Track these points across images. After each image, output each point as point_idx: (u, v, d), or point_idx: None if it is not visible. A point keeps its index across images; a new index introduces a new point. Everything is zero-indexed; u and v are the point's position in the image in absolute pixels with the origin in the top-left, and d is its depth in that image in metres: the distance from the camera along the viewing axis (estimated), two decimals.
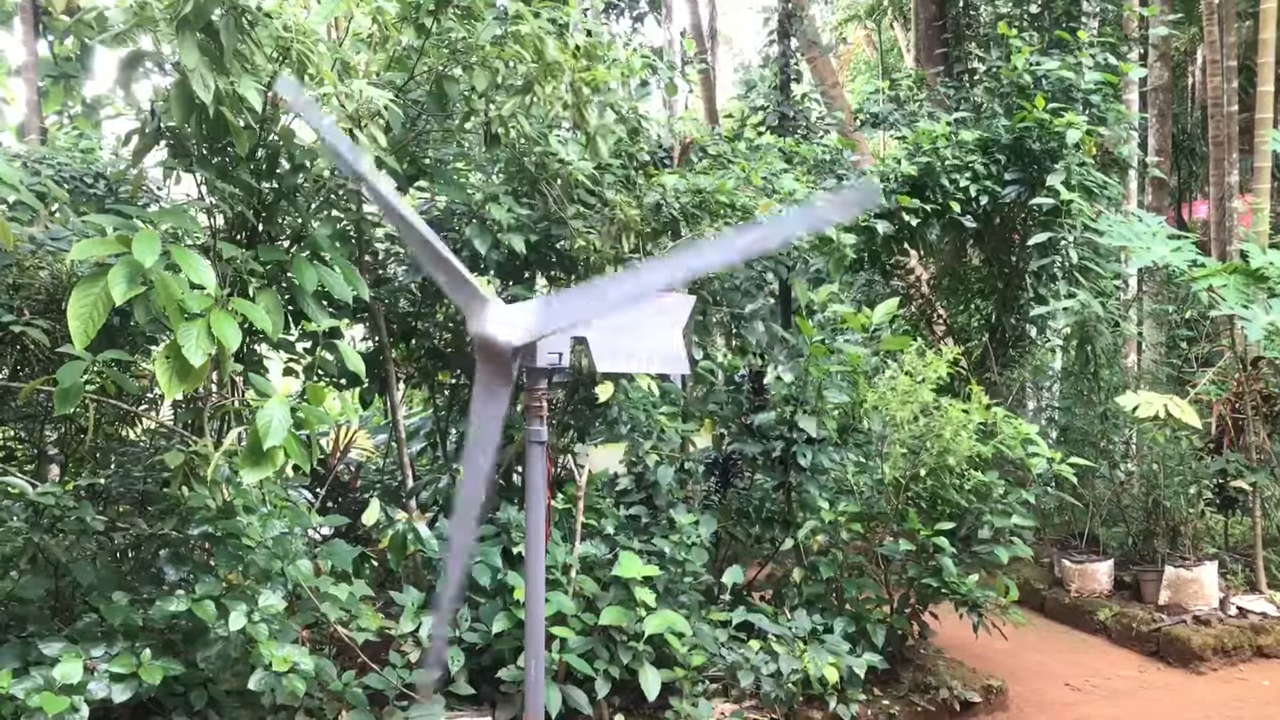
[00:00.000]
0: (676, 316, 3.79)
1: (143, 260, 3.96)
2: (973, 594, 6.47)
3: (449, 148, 6.90)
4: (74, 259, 4.03)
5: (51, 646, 4.57)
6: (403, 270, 7.36)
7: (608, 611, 5.82)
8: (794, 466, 6.96)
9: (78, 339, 4.02)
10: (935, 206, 9.42)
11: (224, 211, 5.23)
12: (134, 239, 4.02)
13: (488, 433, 3.05)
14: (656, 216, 7.01)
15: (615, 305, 3.13)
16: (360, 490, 8.57)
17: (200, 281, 4.15)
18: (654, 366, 3.96)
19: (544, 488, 3.16)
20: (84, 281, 4.05)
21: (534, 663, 3.44)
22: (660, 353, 3.71)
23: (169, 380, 4.22)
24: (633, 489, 6.73)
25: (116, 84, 4.39)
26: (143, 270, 4.02)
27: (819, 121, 13.32)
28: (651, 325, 3.65)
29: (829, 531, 6.80)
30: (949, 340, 11.13)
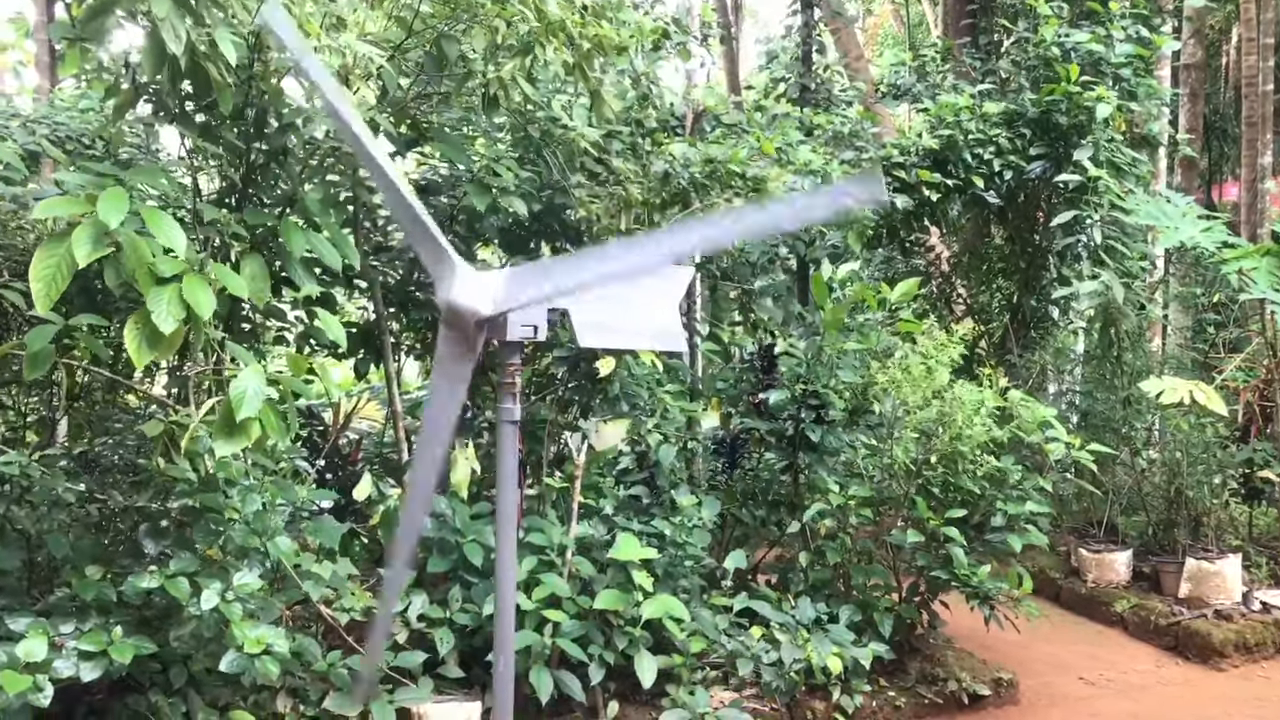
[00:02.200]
0: (672, 288, 3.54)
1: (108, 220, 3.74)
2: (984, 585, 6.23)
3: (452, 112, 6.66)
4: (36, 217, 3.81)
5: (18, 621, 4.39)
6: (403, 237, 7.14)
7: (604, 595, 5.62)
8: (803, 446, 6.73)
9: (40, 302, 3.81)
10: (957, 182, 9.13)
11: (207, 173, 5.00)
12: (100, 197, 3.80)
13: (444, 410, 2.83)
14: (665, 187, 6.76)
15: (593, 282, 2.90)
16: (359, 463, 8.40)
17: (170, 244, 3.93)
18: (644, 343, 3.71)
19: (515, 471, 2.94)
20: (48, 242, 3.83)
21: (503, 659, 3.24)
22: (652, 328, 3.46)
23: (137, 348, 4.01)
24: (634, 468, 6.51)
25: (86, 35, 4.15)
26: (109, 231, 3.80)
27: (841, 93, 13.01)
28: (643, 297, 3.40)
29: (837, 516, 6.56)
30: (969, 320, 10.85)
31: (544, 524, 5.99)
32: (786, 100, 11.42)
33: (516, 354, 2.97)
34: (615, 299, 3.27)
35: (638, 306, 3.35)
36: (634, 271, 2.93)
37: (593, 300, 3.18)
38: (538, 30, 5.44)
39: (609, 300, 3.24)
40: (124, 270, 4.08)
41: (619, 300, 3.28)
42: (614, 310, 3.29)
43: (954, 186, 9.13)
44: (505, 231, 6.90)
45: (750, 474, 7.48)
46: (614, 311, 3.29)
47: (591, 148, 5.99)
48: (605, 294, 3.22)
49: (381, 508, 5.79)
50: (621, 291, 3.30)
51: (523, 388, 7.13)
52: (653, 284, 3.44)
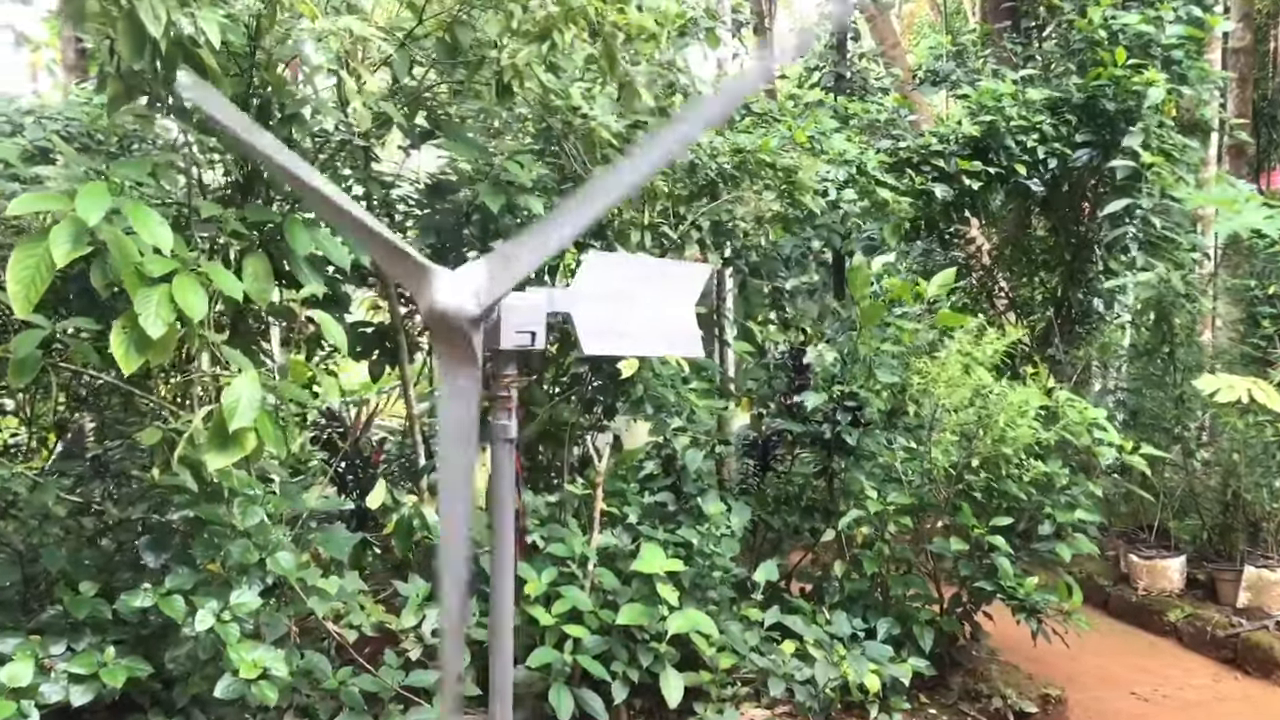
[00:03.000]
0: (688, 288, 3.22)
1: (86, 217, 3.49)
2: (1031, 598, 5.88)
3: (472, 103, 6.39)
4: (11, 214, 3.57)
5: (6, 642, 4.17)
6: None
7: (626, 610, 5.32)
8: (839, 449, 6.40)
9: (18, 305, 3.58)
10: (999, 170, 8.74)
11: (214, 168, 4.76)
12: (78, 192, 3.55)
13: (461, 425, 2.53)
14: (691, 178, 6.46)
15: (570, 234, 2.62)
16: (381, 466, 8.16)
17: (155, 242, 3.68)
18: (657, 348, 3.40)
19: (512, 493, 2.66)
20: (26, 241, 3.60)
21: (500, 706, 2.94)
22: (665, 331, 3.15)
23: (125, 352, 3.78)
24: (659, 473, 6.21)
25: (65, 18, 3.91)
26: (89, 229, 3.55)
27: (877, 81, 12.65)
28: (655, 298, 3.09)
29: (874, 523, 6.24)
30: (1010, 315, 10.46)
31: (565, 533, 5.72)
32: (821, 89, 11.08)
33: (512, 365, 2.68)
34: (623, 300, 2.97)
35: (649, 308, 3.05)
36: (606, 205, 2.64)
37: (598, 302, 2.88)
38: (555, 15, 5.15)
39: (616, 302, 2.94)
40: (111, 270, 3.84)
41: (628, 301, 2.98)
42: (622, 313, 2.98)
43: (995, 175, 8.74)
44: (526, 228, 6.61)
45: (782, 477, 7.16)
46: (622, 314, 2.99)
47: (614, 139, 5.67)
48: (612, 295, 2.92)
49: (395, 516, 5.54)
50: (631, 291, 3.00)
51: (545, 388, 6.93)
52: (666, 283, 3.14)
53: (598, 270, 2.99)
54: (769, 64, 2.67)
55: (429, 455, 6.73)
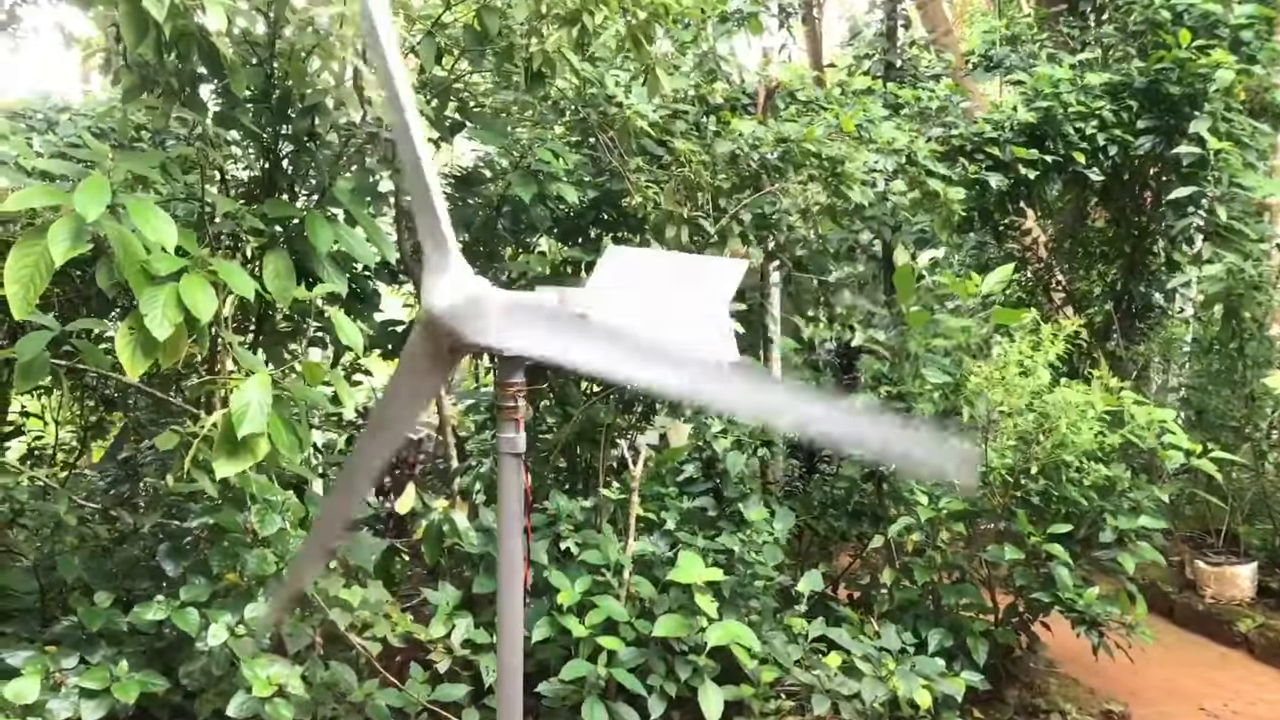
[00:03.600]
0: (721, 285, 2.96)
1: (85, 213, 3.30)
2: (1092, 609, 5.56)
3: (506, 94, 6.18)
4: (7, 210, 3.40)
5: (16, 656, 4.02)
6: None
7: (663, 621, 5.09)
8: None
9: (17, 307, 3.40)
10: (1056, 158, 8.37)
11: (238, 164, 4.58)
12: (77, 187, 3.37)
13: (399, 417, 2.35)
14: (733, 169, 6.19)
15: (606, 368, 2.38)
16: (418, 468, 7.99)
17: (158, 238, 3.49)
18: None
19: (521, 513, 2.42)
20: (24, 239, 3.42)
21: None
22: (696, 333, 2.89)
23: (130, 355, 3.59)
24: (699, 477, 5.95)
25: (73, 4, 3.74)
26: (89, 225, 3.37)
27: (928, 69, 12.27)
28: (684, 296, 2.83)
29: (926, 530, 5.94)
30: (1068, 310, 10.07)
31: (600, 540, 5.49)
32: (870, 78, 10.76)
33: (518, 371, 2.44)
34: (648, 299, 2.72)
35: (677, 307, 2.80)
36: (662, 375, 2.38)
37: (617, 302, 2.64)
38: None
39: (639, 301, 2.69)
40: (116, 270, 3.67)
41: (652, 301, 2.73)
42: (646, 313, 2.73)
43: (1052, 164, 8.38)
44: (561, 221, 6.39)
45: (829, 480, 6.88)
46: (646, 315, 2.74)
47: (649, 128, 5.43)
48: (635, 294, 2.68)
49: (424, 522, 5.36)
50: (656, 290, 2.75)
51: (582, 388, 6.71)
52: (697, 280, 2.88)
53: (618, 267, 2.75)
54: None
55: (461, 458, 6.55)
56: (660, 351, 2.29)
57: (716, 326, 2.83)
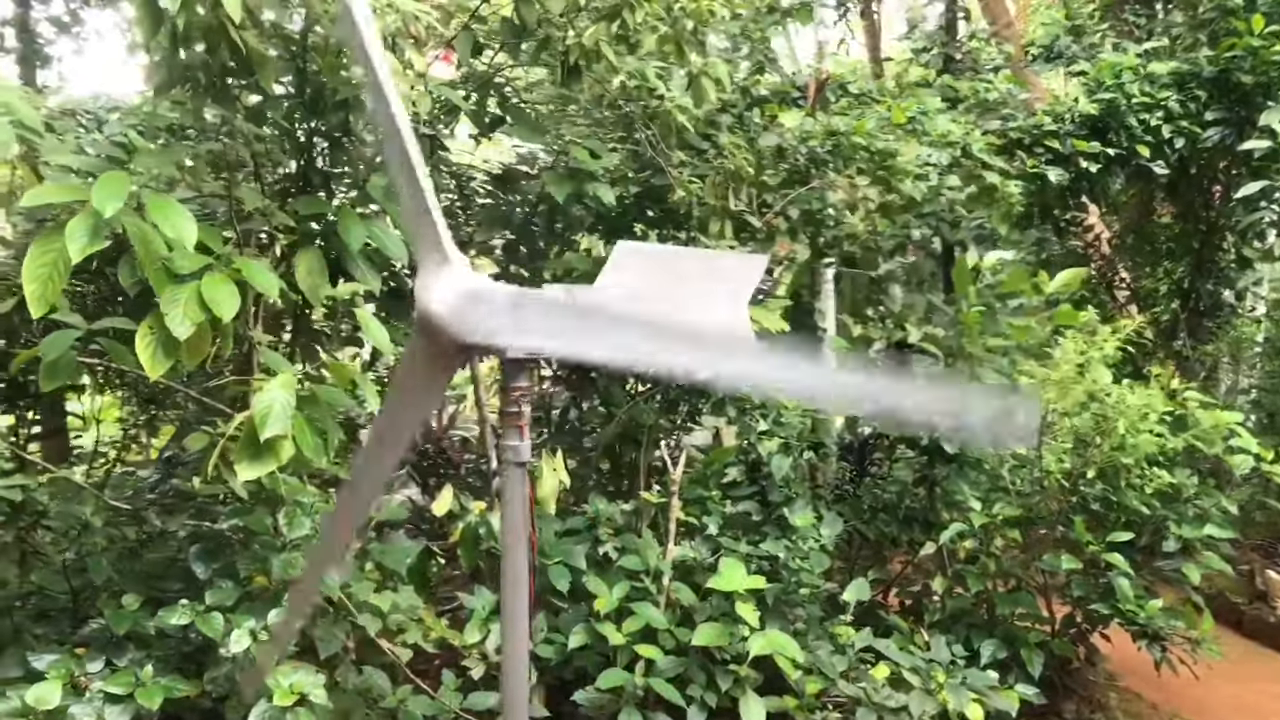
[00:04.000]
0: (740, 283, 2.79)
1: (102, 209, 3.23)
2: (1154, 623, 5.31)
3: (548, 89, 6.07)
4: (25, 206, 3.33)
5: (42, 659, 3.97)
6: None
7: (703, 629, 4.94)
8: (939, 456, 5.90)
9: (34, 305, 3.33)
10: (1119, 151, 8.07)
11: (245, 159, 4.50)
12: (95, 184, 3.29)
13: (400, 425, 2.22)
14: (779, 162, 6.02)
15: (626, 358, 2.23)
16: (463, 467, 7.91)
17: (176, 235, 3.40)
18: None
19: (525, 525, 2.28)
20: (42, 236, 3.36)
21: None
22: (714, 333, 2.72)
23: (151, 355, 3.52)
24: (743, 480, 5.78)
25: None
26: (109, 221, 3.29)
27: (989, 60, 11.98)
28: (700, 295, 2.68)
29: (979, 536, 5.72)
30: (1132, 308, 9.74)
31: (640, 544, 5.36)
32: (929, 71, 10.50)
33: (523, 375, 2.30)
34: (661, 299, 2.56)
35: (693, 308, 2.64)
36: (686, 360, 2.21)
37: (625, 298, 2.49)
38: None
39: (651, 301, 2.54)
40: (138, 268, 3.60)
41: (666, 300, 2.58)
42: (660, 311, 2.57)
43: (1115, 157, 8.08)
44: (605, 219, 6.25)
45: (880, 484, 6.67)
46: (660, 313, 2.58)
47: (689, 122, 5.27)
48: (646, 293, 2.52)
49: (461, 524, 5.25)
50: (670, 289, 2.60)
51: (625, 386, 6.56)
52: (714, 279, 2.71)
53: (629, 264, 2.59)
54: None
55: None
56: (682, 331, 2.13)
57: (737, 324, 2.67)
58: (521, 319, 2.06)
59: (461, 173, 6.07)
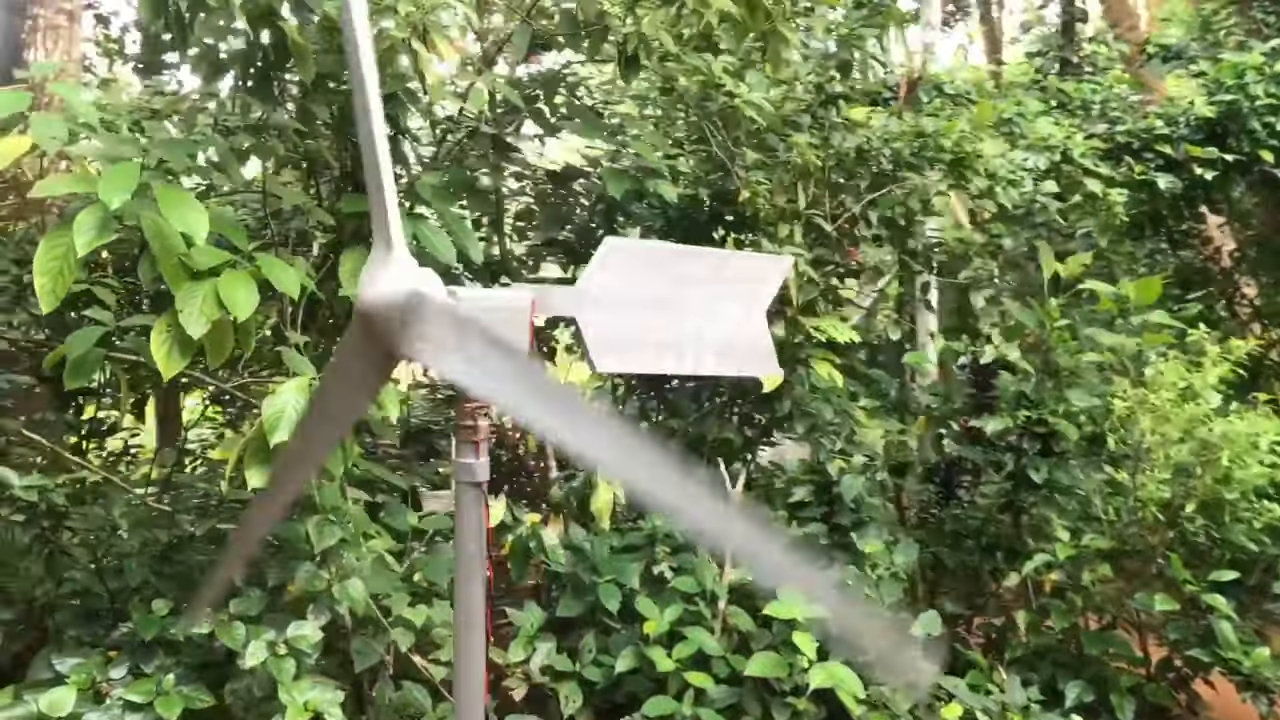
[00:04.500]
0: (757, 287, 2.48)
1: (109, 200, 3.09)
2: (1261, 672, 4.81)
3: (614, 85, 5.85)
4: (36, 195, 3.23)
5: (65, 661, 3.87)
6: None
7: (758, 659, 4.63)
8: (1025, 483, 5.49)
9: (45, 300, 3.23)
10: (1239, 157, 7.48)
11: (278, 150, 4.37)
12: (103, 174, 3.17)
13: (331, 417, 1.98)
14: (861, 163, 5.69)
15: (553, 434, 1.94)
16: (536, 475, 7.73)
17: (187, 229, 3.25)
18: (710, 365, 2.64)
19: (481, 553, 2.00)
20: (53, 230, 3.25)
21: None
22: (723, 343, 2.40)
23: (166, 354, 3.39)
24: (811, 501, 5.46)
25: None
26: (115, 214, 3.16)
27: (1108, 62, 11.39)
28: (707, 300, 2.38)
29: (1067, 569, 5.29)
30: (1254, 327, 9.07)
31: (697, 564, 5.08)
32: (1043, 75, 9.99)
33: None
34: (659, 303, 2.27)
35: (699, 313, 2.34)
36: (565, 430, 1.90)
37: (618, 305, 2.19)
38: None
39: (648, 305, 2.25)
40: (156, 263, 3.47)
41: (665, 305, 2.28)
42: (657, 319, 2.28)
43: (1234, 163, 7.49)
44: (675, 221, 6.00)
45: (965, 508, 6.27)
46: (656, 321, 2.29)
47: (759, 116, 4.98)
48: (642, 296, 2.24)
49: (510, 536, 5.05)
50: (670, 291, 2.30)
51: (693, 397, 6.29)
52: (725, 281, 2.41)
53: (620, 263, 2.29)
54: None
55: (561, 468, 6.25)
56: (545, 392, 1.85)
57: (752, 332, 2.38)
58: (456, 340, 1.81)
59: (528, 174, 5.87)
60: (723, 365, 2.66)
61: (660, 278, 2.32)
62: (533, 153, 6.21)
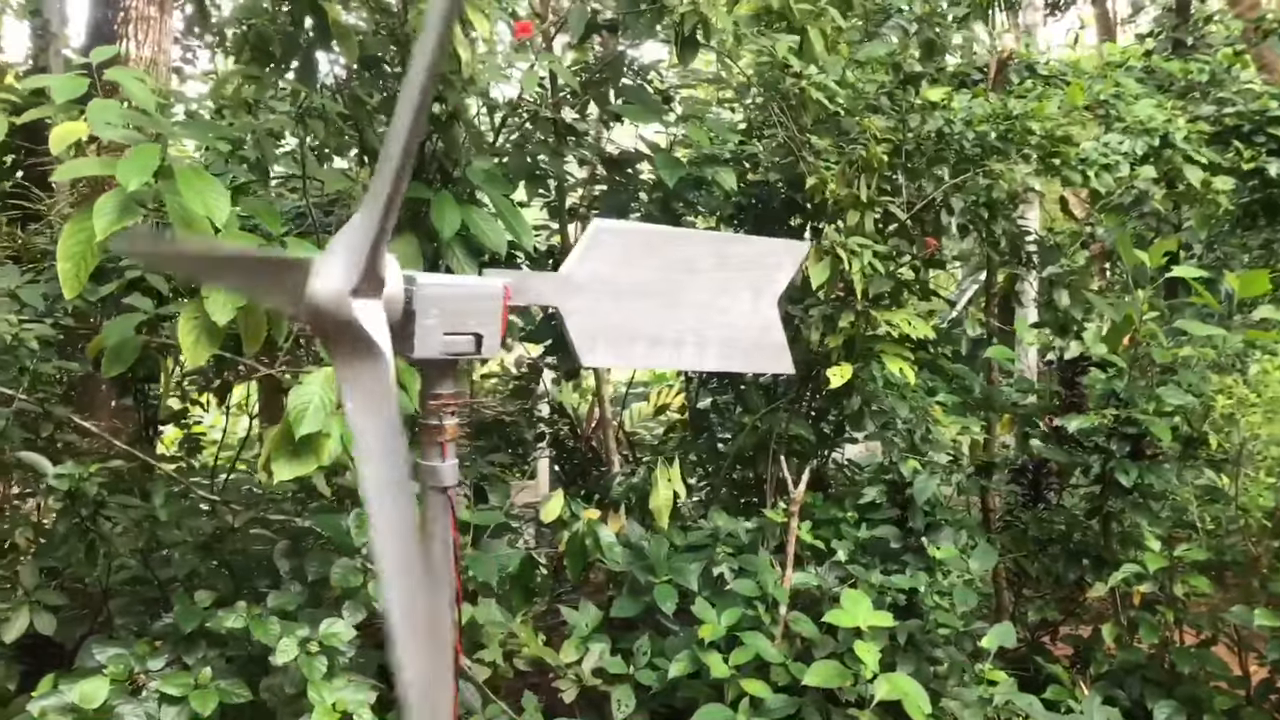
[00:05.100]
0: (768, 274, 2.24)
1: (126, 182, 3.02)
2: None
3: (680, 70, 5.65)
4: (56, 180, 3.18)
5: (105, 651, 3.84)
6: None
7: (818, 667, 4.40)
8: (1114, 487, 5.14)
9: (68, 285, 3.18)
10: None
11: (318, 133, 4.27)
12: (123, 156, 3.10)
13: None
14: (943, 148, 5.40)
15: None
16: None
17: (208, 212, 3.16)
18: (712, 360, 2.38)
19: (447, 565, 1.81)
20: (77, 214, 3.19)
21: None
22: (728, 337, 2.15)
23: (193, 341, 3.32)
24: (883, 502, 5.19)
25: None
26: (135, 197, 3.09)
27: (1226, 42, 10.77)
28: (710, 288, 2.13)
29: (1159, 580, 4.94)
30: None
31: (759, 563, 4.86)
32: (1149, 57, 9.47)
33: (447, 380, 1.84)
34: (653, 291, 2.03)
35: (696, 302, 2.09)
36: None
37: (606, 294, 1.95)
38: None
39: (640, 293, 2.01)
40: None
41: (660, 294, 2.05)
42: (651, 309, 2.04)
43: None
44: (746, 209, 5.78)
45: (1049, 513, 5.93)
46: (651, 311, 2.04)
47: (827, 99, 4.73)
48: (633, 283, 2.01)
49: (567, 533, 4.91)
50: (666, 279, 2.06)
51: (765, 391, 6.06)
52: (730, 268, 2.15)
53: (610, 246, 2.07)
54: None
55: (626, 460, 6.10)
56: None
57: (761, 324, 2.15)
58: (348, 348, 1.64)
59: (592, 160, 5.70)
60: (728, 360, 2.44)
61: (654, 263, 2.10)
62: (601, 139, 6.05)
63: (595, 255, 2.05)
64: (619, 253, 2.08)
